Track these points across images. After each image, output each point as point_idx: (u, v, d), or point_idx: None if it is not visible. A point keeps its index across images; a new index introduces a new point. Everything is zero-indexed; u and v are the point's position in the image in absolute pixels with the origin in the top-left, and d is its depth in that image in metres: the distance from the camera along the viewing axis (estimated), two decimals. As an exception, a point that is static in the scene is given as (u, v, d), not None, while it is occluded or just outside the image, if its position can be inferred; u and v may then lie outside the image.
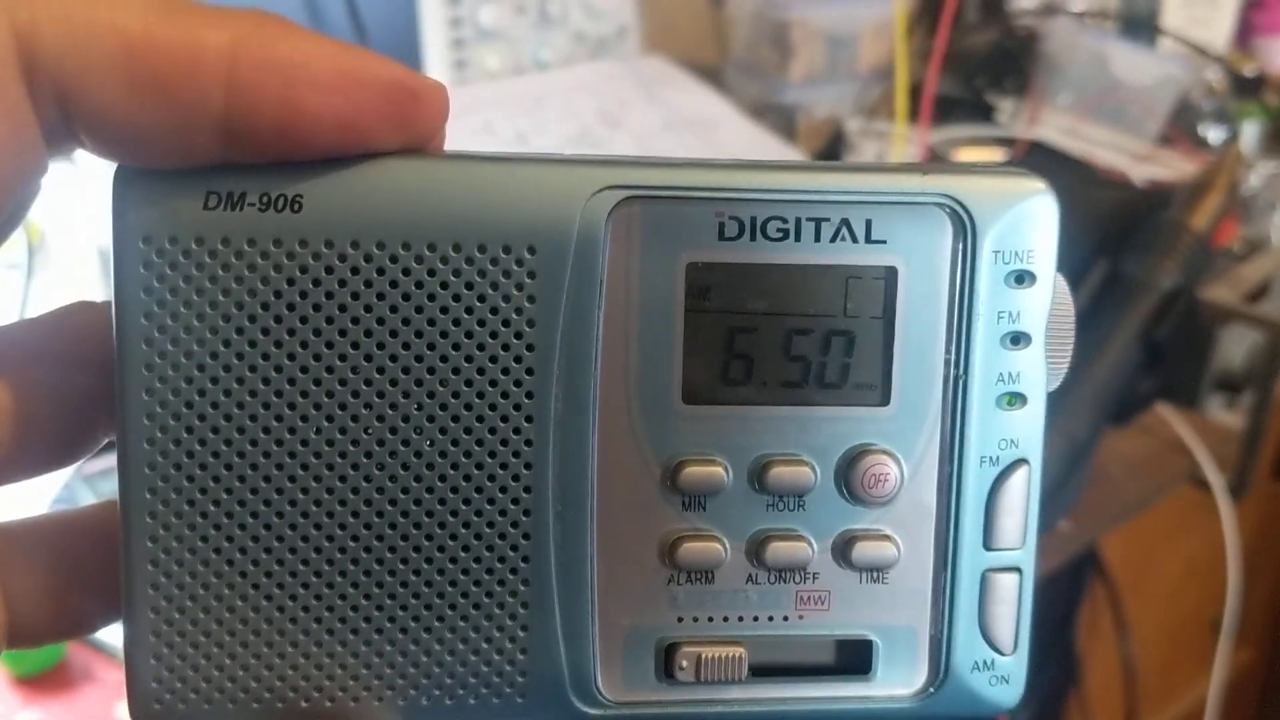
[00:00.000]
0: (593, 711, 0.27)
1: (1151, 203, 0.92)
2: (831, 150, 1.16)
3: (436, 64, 0.94)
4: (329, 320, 0.24)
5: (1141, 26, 1.25)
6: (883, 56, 1.18)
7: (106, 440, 0.26)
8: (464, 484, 0.25)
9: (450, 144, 0.26)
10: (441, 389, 0.25)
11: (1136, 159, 1.13)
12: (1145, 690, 1.24)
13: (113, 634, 0.67)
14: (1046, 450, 0.28)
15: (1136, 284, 0.82)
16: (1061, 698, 1.27)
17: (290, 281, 0.24)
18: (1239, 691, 1.62)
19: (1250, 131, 1.23)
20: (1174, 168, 1.12)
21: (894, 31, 1.09)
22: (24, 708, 0.64)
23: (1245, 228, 1.12)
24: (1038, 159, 1.11)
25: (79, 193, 0.82)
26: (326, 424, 0.25)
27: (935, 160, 1.10)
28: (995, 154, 1.13)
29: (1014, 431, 0.27)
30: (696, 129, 0.98)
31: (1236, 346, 0.94)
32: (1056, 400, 0.77)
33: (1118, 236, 0.87)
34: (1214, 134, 1.20)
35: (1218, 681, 1.10)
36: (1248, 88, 1.24)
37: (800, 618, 0.27)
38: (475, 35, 0.96)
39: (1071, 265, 0.81)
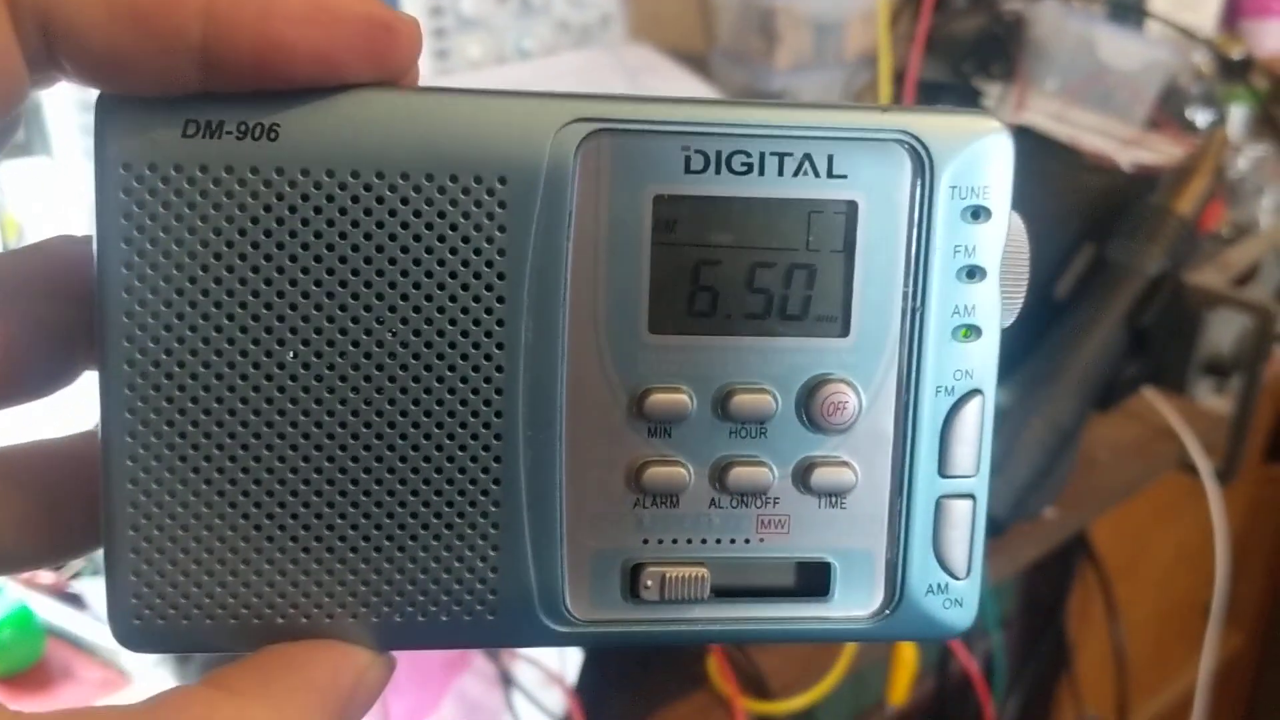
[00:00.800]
0: (561, 629, 0.28)
1: (1137, 188, 0.92)
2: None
3: (418, 53, 0.94)
4: (304, 246, 0.25)
5: (1129, 10, 1.25)
6: (869, 42, 1.18)
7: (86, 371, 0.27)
8: (437, 407, 0.26)
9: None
10: (415, 315, 0.26)
11: (1124, 144, 1.13)
12: (1137, 674, 1.24)
13: (91, 630, 0.67)
14: (1031, 436, 0.29)
15: (1121, 269, 0.82)
16: (1053, 683, 1.27)
17: (267, 208, 0.25)
18: (1231, 675, 1.63)
19: (1238, 114, 1.23)
20: (1161, 152, 1.11)
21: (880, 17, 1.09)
22: (3, 706, 0.63)
23: (1233, 211, 1.11)
24: (1024, 144, 1.11)
25: (56, 186, 0.82)
26: (302, 347, 0.25)
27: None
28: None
29: (969, 362, 0.28)
30: (681, 117, 0.98)
31: (1225, 330, 0.94)
32: (1041, 387, 0.77)
33: (1103, 222, 0.86)
34: (1202, 117, 1.19)
35: (1207, 666, 1.10)
36: (1235, 71, 1.23)
37: (761, 540, 0.28)
38: (457, 24, 0.96)
39: (1057, 251, 0.81)
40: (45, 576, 0.68)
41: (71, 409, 0.30)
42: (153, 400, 0.25)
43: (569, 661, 0.65)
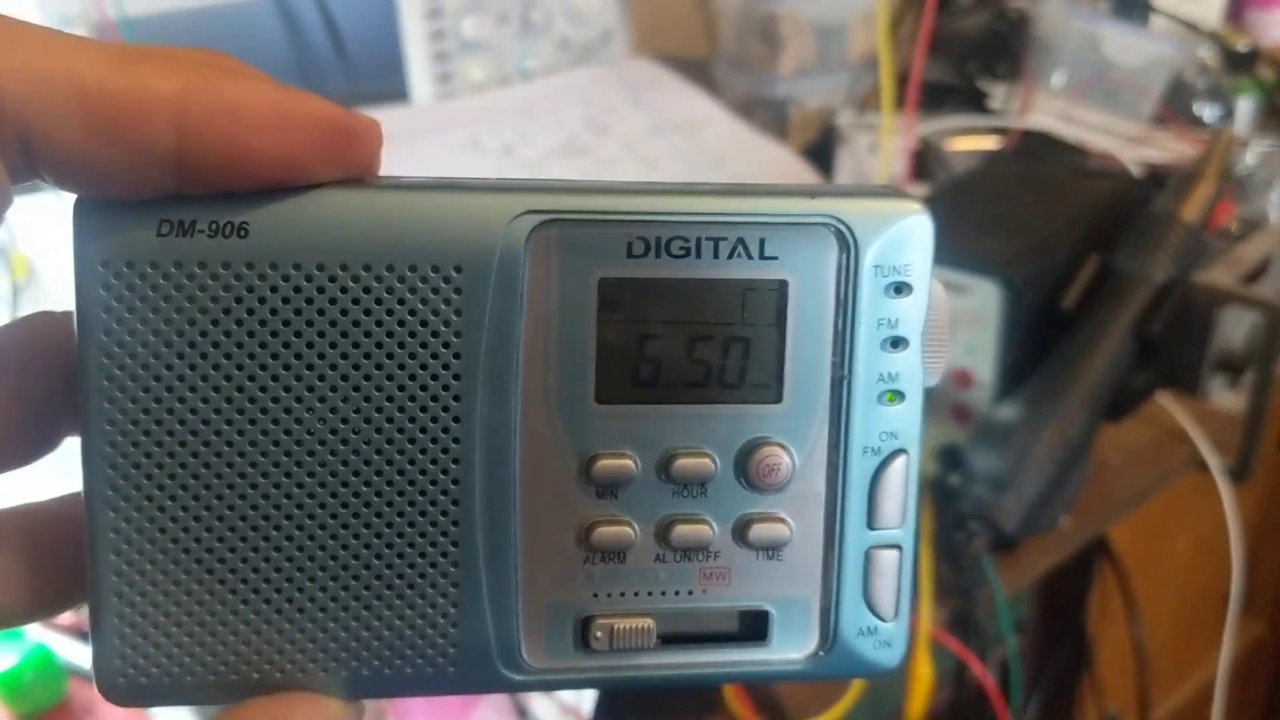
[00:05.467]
0: (518, 678, 0.30)
1: (1144, 193, 0.91)
2: (824, 144, 1.15)
3: (420, 79, 0.94)
4: (274, 334, 0.27)
5: (1133, 6, 1.24)
6: (873, 45, 1.17)
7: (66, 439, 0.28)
8: (398, 478, 0.28)
9: (438, 159, 0.28)
10: (377, 394, 0.27)
11: (1131, 141, 1.12)
12: (1158, 669, 1.24)
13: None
14: (1042, 451, 0.29)
15: (1128, 279, 0.82)
16: (1074, 681, 1.27)
17: (238, 300, 0.27)
18: (1253, 663, 1.62)
19: (1245, 107, 1.22)
20: (1169, 149, 1.11)
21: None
22: (28, 751, 0.64)
23: (1242, 207, 1.11)
24: (1031, 146, 1.10)
25: (64, 224, 0.82)
26: (273, 426, 0.27)
27: (927, 149, 1.09)
28: (988, 142, 1.12)
29: (893, 425, 0.30)
30: (684, 131, 0.98)
31: (1237, 327, 0.93)
32: (1050, 401, 0.76)
33: (1109, 229, 0.86)
34: (1209, 112, 1.19)
35: (1227, 656, 1.10)
36: (1241, 63, 1.22)
37: (704, 591, 0.30)
38: (458, 47, 0.96)
39: (1063, 261, 0.80)
40: (65, 616, 0.69)
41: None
42: (134, 477, 0.27)
43: (584, 693, 0.65)
